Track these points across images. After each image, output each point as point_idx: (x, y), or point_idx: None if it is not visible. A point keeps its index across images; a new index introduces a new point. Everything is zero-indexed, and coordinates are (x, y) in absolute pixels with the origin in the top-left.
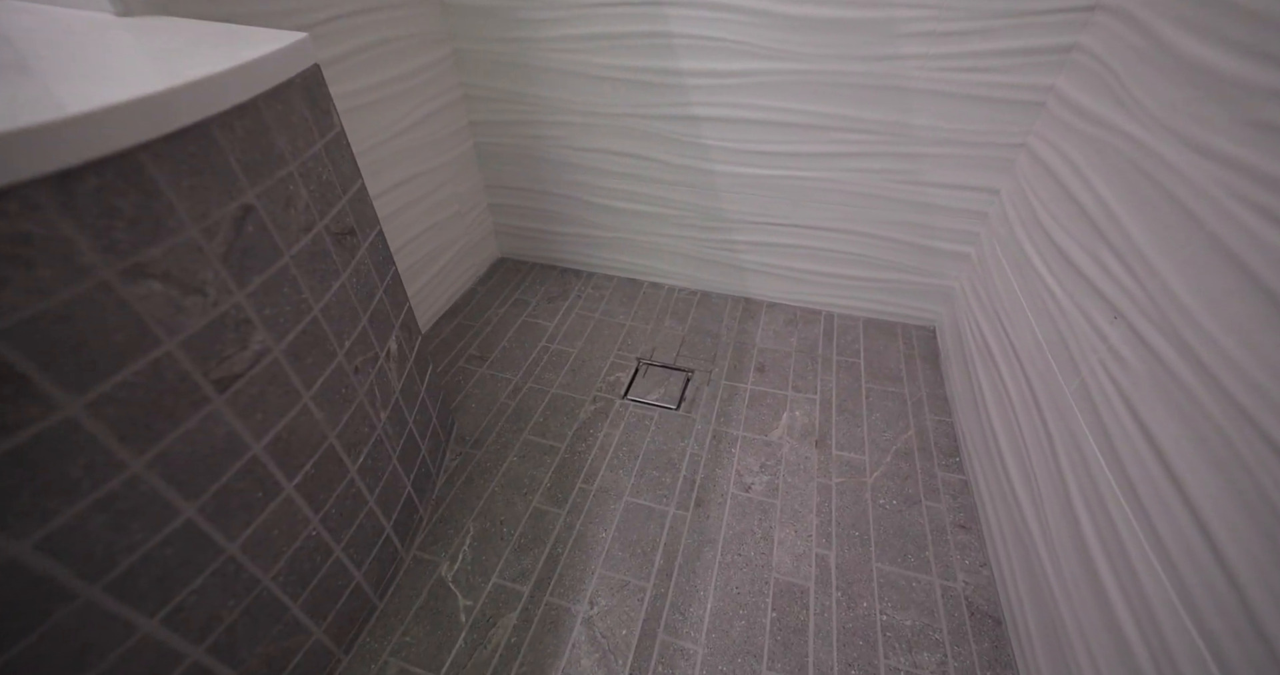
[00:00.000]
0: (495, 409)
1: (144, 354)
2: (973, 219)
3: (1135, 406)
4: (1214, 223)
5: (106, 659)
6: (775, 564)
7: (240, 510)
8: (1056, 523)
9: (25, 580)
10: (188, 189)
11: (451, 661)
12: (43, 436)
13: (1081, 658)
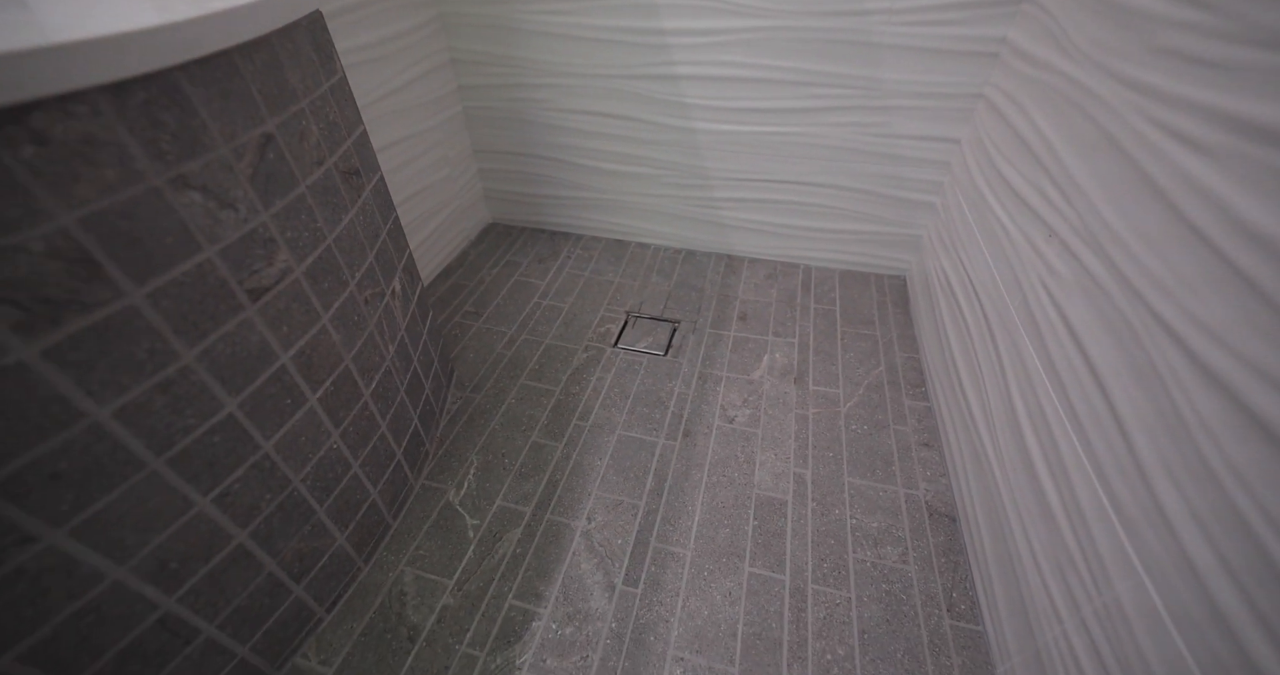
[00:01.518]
0: (492, 358)
1: (189, 257)
2: (938, 169)
3: (1063, 308)
4: (1128, 142)
5: (170, 527)
6: (757, 482)
7: (273, 413)
8: (1003, 429)
9: (107, 445)
10: (218, 111)
11: (462, 569)
12: (113, 318)
13: (1019, 537)
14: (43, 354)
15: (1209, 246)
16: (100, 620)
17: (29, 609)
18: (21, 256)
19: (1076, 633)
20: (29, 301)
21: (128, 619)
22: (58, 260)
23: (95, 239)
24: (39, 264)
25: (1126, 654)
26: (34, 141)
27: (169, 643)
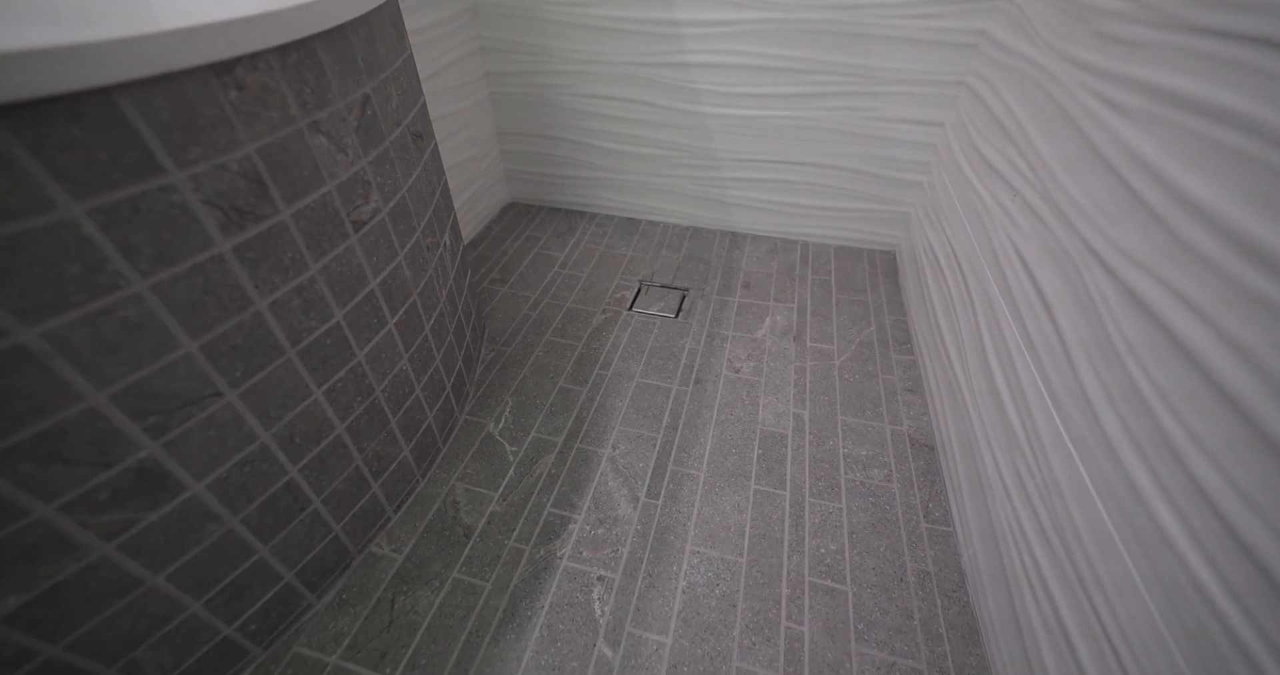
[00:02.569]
0: (519, 318)
1: (318, 188)
2: (925, 150)
3: (1025, 256)
4: (1075, 112)
5: (296, 408)
6: (760, 420)
7: (364, 328)
8: (975, 369)
9: (264, 331)
10: (337, 73)
11: (505, 484)
12: (272, 230)
13: (986, 458)
14: (234, 250)
15: (1128, 188)
16: (254, 473)
17: (215, 450)
18: (225, 174)
19: (1023, 507)
20: (228, 209)
21: (269, 477)
22: (244, 179)
23: (265, 166)
24: (234, 181)
25: (1060, 522)
26: (236, 87)
27: (290, 505)
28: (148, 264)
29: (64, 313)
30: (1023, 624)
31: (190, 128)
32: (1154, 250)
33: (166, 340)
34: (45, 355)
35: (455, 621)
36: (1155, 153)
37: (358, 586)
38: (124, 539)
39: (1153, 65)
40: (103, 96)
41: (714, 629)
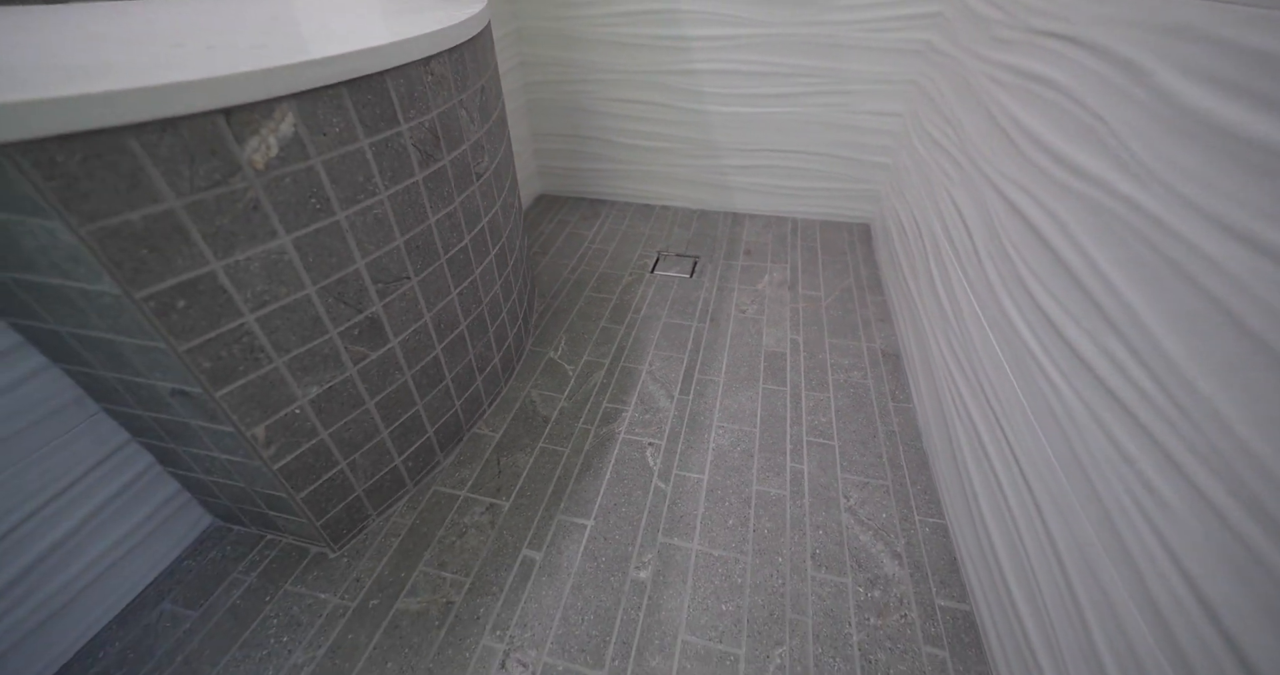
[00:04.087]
0: (561, 279)
1: (462, 145)
2: (888, 136)
3: (956, 200)
4: (978, 90)
5: (441, 302)
6: (764, 344)
7: (478, 253)
8: (928, 295)
9: (432, 243)
10: (472, 69)
11: (569, 391)
12: (439, 171)
13: (934, 350)
14: (423, 179)
15: (1005, 134)
16: (420, 342)
17: (403, 318)
18: (422, 129)
19: (957, 373)
20: (420, 151)
21: (426, 348)
22: (430, 133)
23: (441, 126)
24: (426, 134)
25: (979, 374)
26: (430, 74)
27: (435, 375)
28: (387, 182)
29: (354, 205)
30: (956, 452)
31: (410, 98)
32: (1020, 172)
33: (390, 233)
34: (344, 230)
35: (546, 471)
36: (1018, 110)
37: (470, 452)
38: (360, 366)
39: (1017, 54)
40: (379, 76)
41: (738, 469)
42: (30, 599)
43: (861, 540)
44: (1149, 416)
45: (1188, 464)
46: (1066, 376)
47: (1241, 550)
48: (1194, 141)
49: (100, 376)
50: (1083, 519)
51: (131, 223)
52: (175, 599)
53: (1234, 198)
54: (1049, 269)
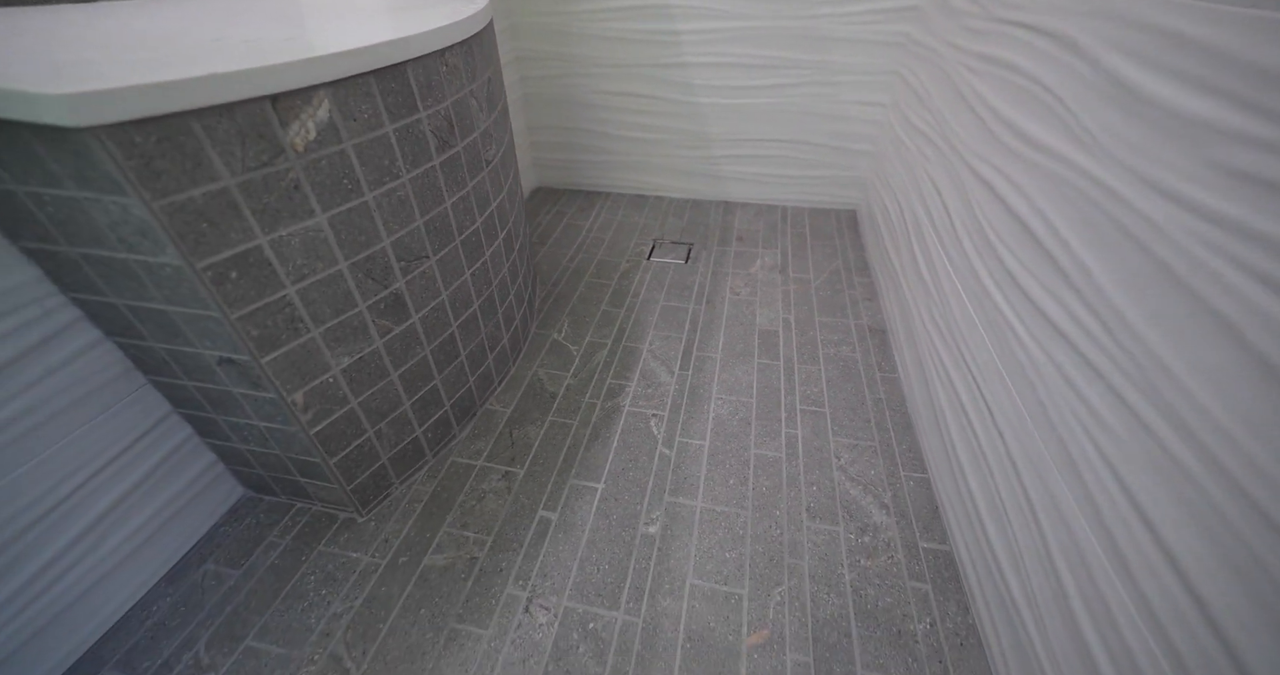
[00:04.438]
0: (560, 267)
1: (473, 133)
2: (872, 126)
3: (935, 180)
4: (954, 77)
5: (455, 283)
6: (758, 323)
7: (487, 235)
8: (911, 272)
9: (446, 222)
10: (479, 61)
11: (574, 369)
12: (454, 156)
13: (917, 322)
14: (440, 164)
15: (976, 115)
16: (437, 319)
17: (422, 295)
18: (438, 116)
19: (939, 341)
20: (436, 137)
21: (443, 325)
22: (445, 121)
23: (453, 115)
24: (441, 121)
25: (957, 339)
26: (445, 65)
27: (451, 351)
28: (409, 165)
29: (380, 187)
30: (938, 413)
31: (428, 87)
32: (991, 150)
33: (411, 214)
34: (371, 210)
35: (557, 441)
36: (989, 93)
37: (484, 426)
38: (385, 340)
39: (987, 43)
40: (401, 66)
41: (736, 436)
42: (85, 561)
43: (852, 494)
44: (1097, 357)
45: (1128, 394)
46: (1030, 330)
47: (1166, 459)
48: (1132, 114)
49: (150, 348)
50: (1043, 449)
51: (194, 199)
52: (217, 560)
53: (1163, 162)
54: (1017, 237)
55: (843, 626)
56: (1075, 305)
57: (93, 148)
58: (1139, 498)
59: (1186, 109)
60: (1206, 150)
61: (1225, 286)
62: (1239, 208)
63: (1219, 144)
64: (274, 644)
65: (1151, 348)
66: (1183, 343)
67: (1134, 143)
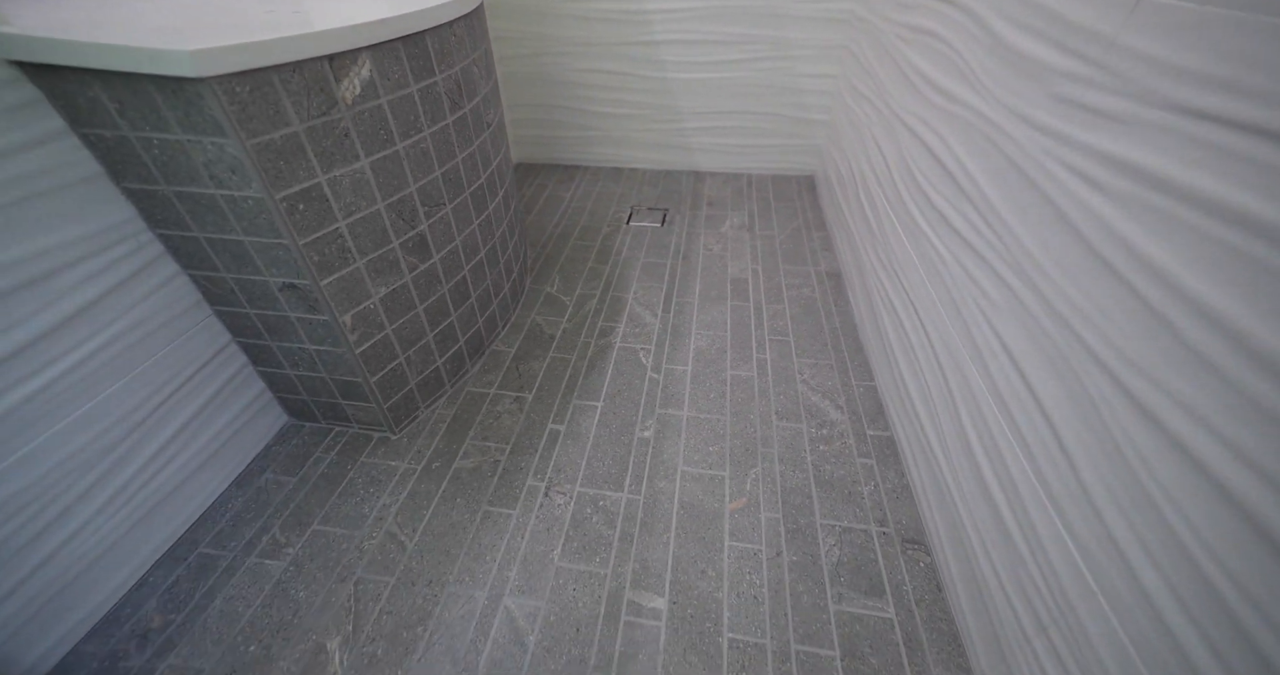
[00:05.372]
0: (547, 233)
1: (476, 97)
2: (826, 96)
3: (877, 137)
4: (887, 45)
5: (466, 230)
6: (729, 272)
7: (490, 191)
8: (859, 223)
9: (458, 175)
10: (478, 34)
11: (568, 315)
12: (464, 116)
13: (866, 262)
14: (452, 123)
15: (906, 78)
16: (452, 261)
17: (439, 238)
18: (450, 80)
19: (885, 277)
20: (449, 98)
21: (456, 268)
22: (455, 84)
23: (461, 79)
24: (452, 85)
25: (897, 270)
26: (454, 35)
27: (464, 291)
28: (429, 122)
29: (408, 139)
30: (882, 332)
31: (442, 54)
32: (918, 106)
33: (431, 165)
34: (401, 158)
35: (559, 372)
36: (916, 58)
37: (492, 363)
38: (412, 276)
39: (914, 15)
40: (422, 35)
41: (714, 361)
42: (173, 464)
43: (812, 400)
44: (984, 248)
45: (1000, 269)
46: (944, 242)
47: (1022, 309)
48: (1004, 61)
49: (220, 279)
50: (954, 336)
51: (274, 141)
52: (274, 471)
53: (1022, 96)
54: (936, 172)
55: (805, 492)
56: (971, 214)
57: (205, 95)
58: (1008, 343)
59: (1035, 54)
60: (1048, 85)
61: (1057, 182)
62: (1067, 125)
63: (1056, 80)
64: (337, 527)
65: (1015, 232)
66: (1032, 224)
67: (1005, 83)
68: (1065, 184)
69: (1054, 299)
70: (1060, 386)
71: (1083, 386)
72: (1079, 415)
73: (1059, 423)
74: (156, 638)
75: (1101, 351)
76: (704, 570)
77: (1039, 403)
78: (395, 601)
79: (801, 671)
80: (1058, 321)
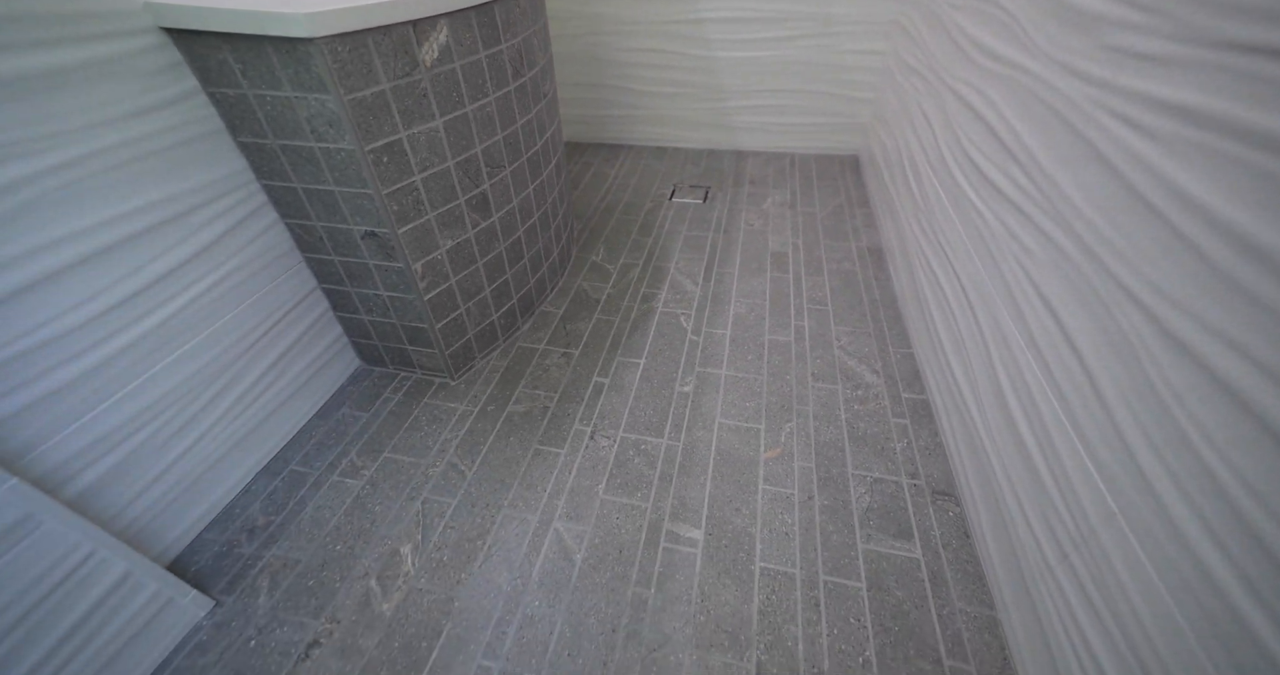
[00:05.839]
0: (592, 207)
1: (536, 66)
2: (873, 74)
3: (926, 111)
4: (946, 20)
5: (521, 194)
6: (770, 247)
7: (544, 161)
8: (905, 198)
9: (517, 141)
10: (532, 14)
11: (612, 282)
12: (525, 84)
13: (910, 239)
14: (514, 90)
15: (957, 46)
16: (510, 221)
17: (499, 199)
18: (514, 48)
19: (929, 247)
20: (512, 66)
21: (513, 228)
22: (517, 53)
23: (523, 49)
24: (515, 53)
25: (939, 236)
26: (518, 6)
27: (519, 252)
28: (494, 87)
29: (475, 102)
30: (923, 302)
31: (507, 23)
32: (965, 70)
33: (494, 129)
34: (470, 120)
35: (603, 332)
36: (967, 23)
37: (540, 322)
38: (474, 231)
39: None
40: (491, 5)
41: (753, 327)
42: (269, 391)
43: (849, 364)
44: (1023, 201)
45: (1039, 219)
46: (987, 203)
47: (1060, 256)
48: (1056, 17)
49: (312, 227)
50: (992, 292)
51: (366, 98)
52: (350, 407)
53: (1073, 49)
54: (982, 135)
55: (838, 445)
56: (1015, 171)
57: (313, 55)
58: (1044, 291)
59: (1088, 7)
60: (1099, 36)
61: (1101, 127)
62: (1116, 73)
63: (1107, 30)
64: (405, 455)
65: (1057, 182)
66: (1075, 173)
67: (1057, 38)
68: (1111, 131)
69: (1093, 243)
70: (1093, 324)
71: (1115, 322)
72: (1108, 344)
73: (1089, 356)
74: (261, 534)
75: (1135, 287)
76: (738, 508)
77: (1071, 343)
78: (458, 519)
79: (828, 598)
80: (1095, 263)
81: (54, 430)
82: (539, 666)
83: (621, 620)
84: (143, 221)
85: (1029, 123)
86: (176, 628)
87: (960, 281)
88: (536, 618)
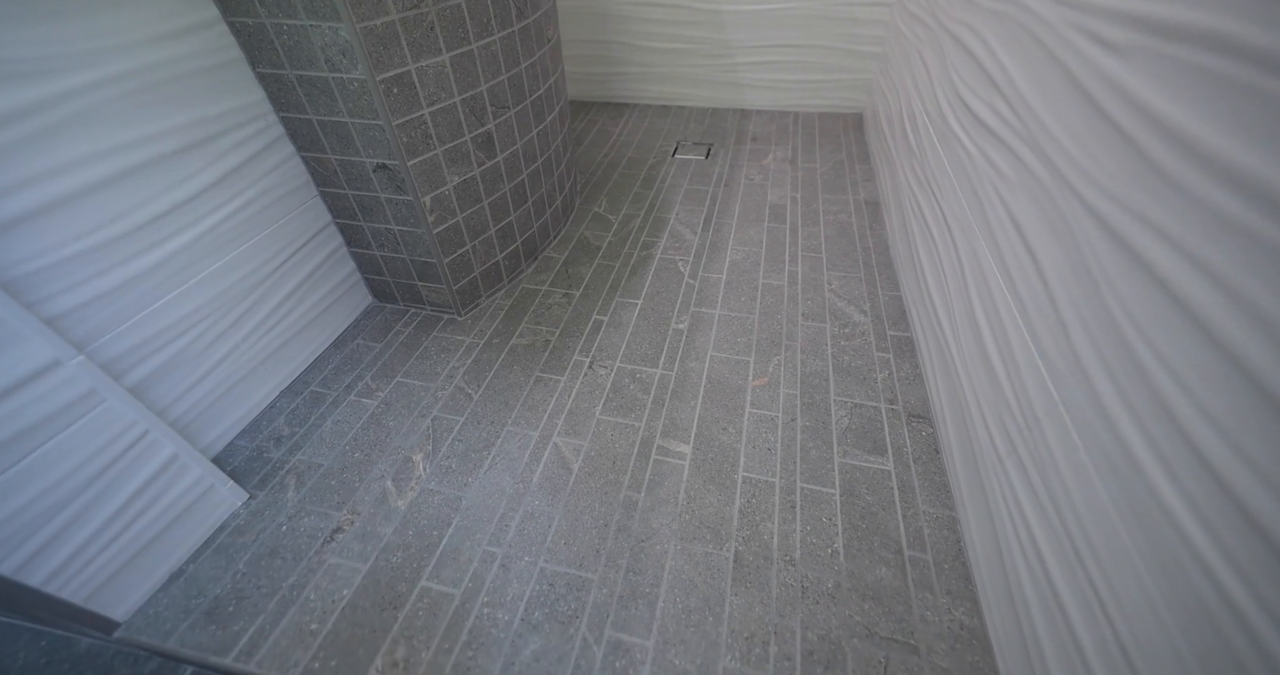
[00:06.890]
0: (595, 162)
1: (536, 10)
2: (879, 27)
3: (925, 58)
4: None
5: (526, 136)
6: (769, 199)
7: (549, 105)
8: (901, 150)
9: (520, 83)
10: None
11: (613, 231)
12: (527, 26)
13: (903, 187)
14: (518, 30)
15: None
16: (514, 163)
17: (504, 140)
18: (538, 24)
19: (923, 198)
20: (516, 7)
21: (518, 171)
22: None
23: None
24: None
25: (930, 180)
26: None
27: (522, 194)
28: (498, 25)
29: (481, 39)
30: (911, 246)
31: None
32: (963, 12)
33: (499, 68)
34: (475, 58)
35: (604, 275)
36: None
37: (543, 265)
38: (480, 170)
39: None
40: None
41: (748, 271)
42: (290, 316)
43: (838, 305)
44: (1005, 132)
45: (1018, 148)
46: (972, 137)
47: (1033, 181)
48: None
49: (326, 160)
50: (971, 221)
51: (377, 27)
52: (364, 337)
53: None
54: (974, 74)
55: (823, 375)
56: (999, 103)
57: None
58: (1016, 215)
59: None
60: None
61: (1074, 49)
62: None
63: None
64: (416, 379)
65: (1033, 108)
66: (1051, 100)
67: None
68: (1082, 49)
69: (1061, 164)
70: (1057, 245)
71: (1058, 210)
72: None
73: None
74: (287, 442)
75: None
76: (725, 427)
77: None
78: (465, 433)
79: (804, 502)
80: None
81: (111, 325)
82: (538, 552)
83: (613, 517)
84: (170, 143)
85: (1014, 55)
86: (218, 511)
87: (945, 219)
88: (536, 514)
